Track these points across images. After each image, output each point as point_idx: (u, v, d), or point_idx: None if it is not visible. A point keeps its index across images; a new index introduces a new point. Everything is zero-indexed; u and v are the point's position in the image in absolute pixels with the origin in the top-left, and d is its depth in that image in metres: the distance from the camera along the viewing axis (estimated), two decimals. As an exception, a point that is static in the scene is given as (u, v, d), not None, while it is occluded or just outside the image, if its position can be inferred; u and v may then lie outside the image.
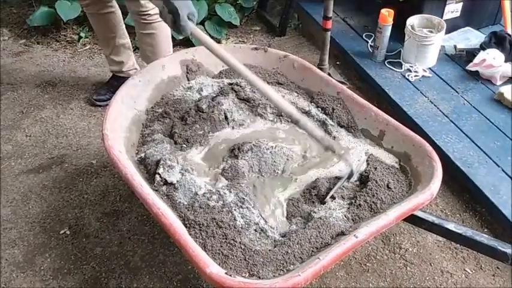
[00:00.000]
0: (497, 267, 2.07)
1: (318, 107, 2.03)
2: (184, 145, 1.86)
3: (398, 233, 2.20)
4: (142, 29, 2.60)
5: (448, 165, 2.26)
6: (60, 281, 2.02)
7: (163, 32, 2.62)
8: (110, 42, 2.75)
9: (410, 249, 2.14)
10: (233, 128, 1.98)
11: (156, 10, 2.55)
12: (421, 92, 2.76)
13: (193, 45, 3.03)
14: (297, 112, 1.72)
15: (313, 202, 1.70)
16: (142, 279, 2.03)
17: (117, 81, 2.79)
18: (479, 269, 2.07)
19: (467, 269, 2.07)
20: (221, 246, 1.45)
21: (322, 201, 1.67)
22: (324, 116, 2.00)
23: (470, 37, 3.07)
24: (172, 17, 1.71)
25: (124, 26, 2.76)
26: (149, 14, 2.51)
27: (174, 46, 2.82)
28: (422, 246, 2.15)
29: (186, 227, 1.50)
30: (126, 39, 2.79)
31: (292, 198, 1.73)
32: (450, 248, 2.15)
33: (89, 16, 2.72)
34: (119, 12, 2.70)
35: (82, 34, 3.52)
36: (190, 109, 1.96)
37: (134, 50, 2.93)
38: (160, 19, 2.53)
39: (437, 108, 2.64)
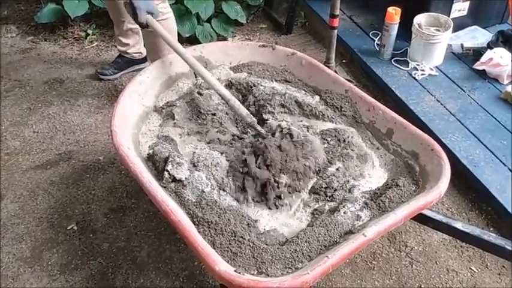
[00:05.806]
0: (503, 266, 2.07)
1: (326, 104, 2.03)
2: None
3: (404, 231, 2.21)
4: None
5: (455, 163, 2.26)
6: (67, 276, 2.04)
7: (166, 28, 2.60)
8: (119, 25, 2.89)
9: (416, 248, 2.15)
10: None
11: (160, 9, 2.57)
12: (427, 91, 2.75)
13: (199, 43, 3.04)
14: (229, 93, 1.97)
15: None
16: (149, 275, 2.04)
17: (122, 59, 3.09)
18: (485, 268, 2.07)
19: (473, 268, 2.07)
20: (230, 244, 1.45)
21: None
22: (332, 114, 1.99)
23: (477, 36, 3.07)
24: (132, 12, 2.05)
25: None
26: None
27: (180, 44, 2.80)
28: (428, 244, 2.16)
29: (194, 224, 1.50)
30: (135, 25, 2.84)
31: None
32: (456, 246, 2.15)
33: None
34: None
35: (89, 31, 3.53)
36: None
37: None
38: (164, 17, 2.58)
39: (444, 106, 2.64)
